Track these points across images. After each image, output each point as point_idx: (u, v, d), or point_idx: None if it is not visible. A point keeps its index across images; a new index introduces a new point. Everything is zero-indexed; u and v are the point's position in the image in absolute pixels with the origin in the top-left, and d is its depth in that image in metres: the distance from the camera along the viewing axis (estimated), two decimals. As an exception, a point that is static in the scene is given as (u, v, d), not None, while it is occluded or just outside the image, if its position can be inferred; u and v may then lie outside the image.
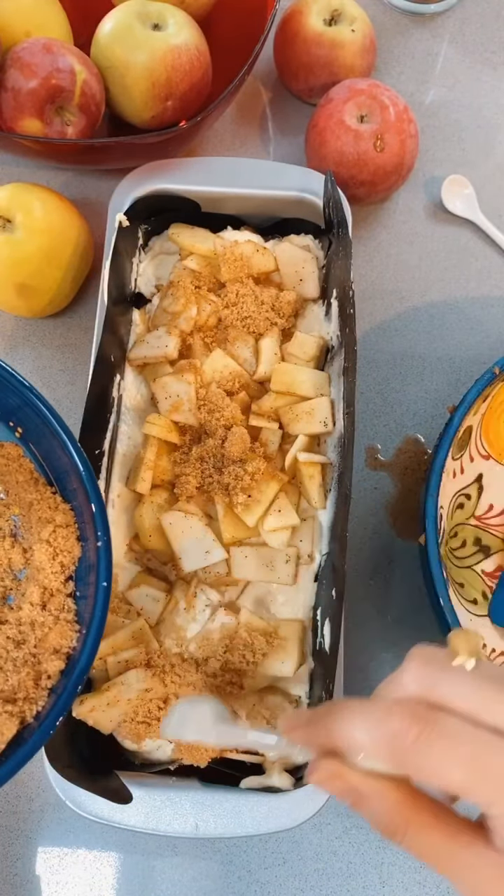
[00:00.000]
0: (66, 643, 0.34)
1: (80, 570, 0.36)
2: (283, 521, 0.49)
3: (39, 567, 0.36)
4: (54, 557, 0.36)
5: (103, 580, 0.34)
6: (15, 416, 0.40)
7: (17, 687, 0.33)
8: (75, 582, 0.36)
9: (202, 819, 0.44)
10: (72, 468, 0.37)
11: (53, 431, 0.38)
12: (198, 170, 0.56)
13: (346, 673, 0.49)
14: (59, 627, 0.34)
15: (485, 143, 0.67)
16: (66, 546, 0.36)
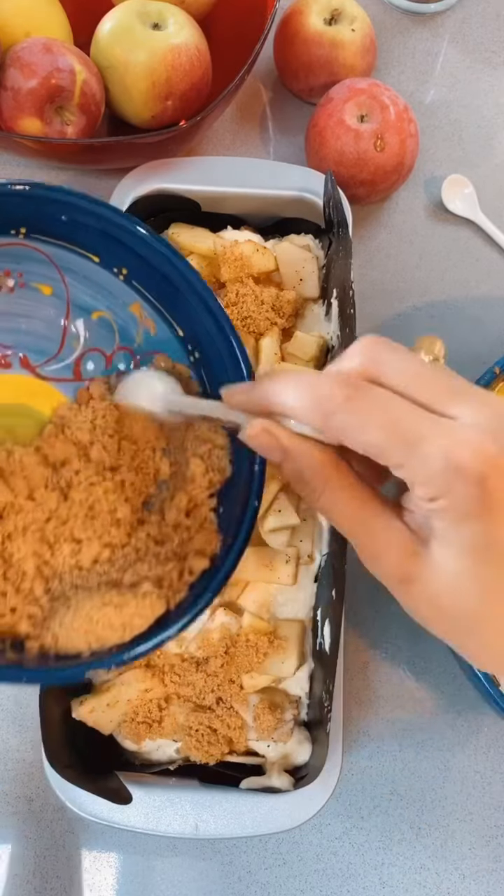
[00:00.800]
0: (210, 548, 0.36)
1: (227, 490, 0.38)
2: (283, 521, 0.49)
3: (191, 478, 0.38)
4: (205, 473, 0.38)
5: (255, 500, 0.37)
6: (196, 339, 0.41)
7: (162, 576, 0.36)
8: (220, 500, 0.38)
9: (202, 819, 0.44)
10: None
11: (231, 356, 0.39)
12: (198, 170, 0.56)
13: (346, 673, 0.49)
14: (204, 534, 0.37)
15: (485, 143, 0.67)
16: (220, 465, 0.38)
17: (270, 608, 0.49)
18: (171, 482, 0.39)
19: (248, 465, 0.38)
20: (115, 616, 0.33)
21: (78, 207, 0.37)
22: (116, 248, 0.39)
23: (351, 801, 0.52)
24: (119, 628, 0.33)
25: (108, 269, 0.40)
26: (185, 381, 0.41)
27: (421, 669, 0.54)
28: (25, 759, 0.52)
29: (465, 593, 0.27)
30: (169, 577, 0.36)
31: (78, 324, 0.40)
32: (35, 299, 0.39)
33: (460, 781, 0.52)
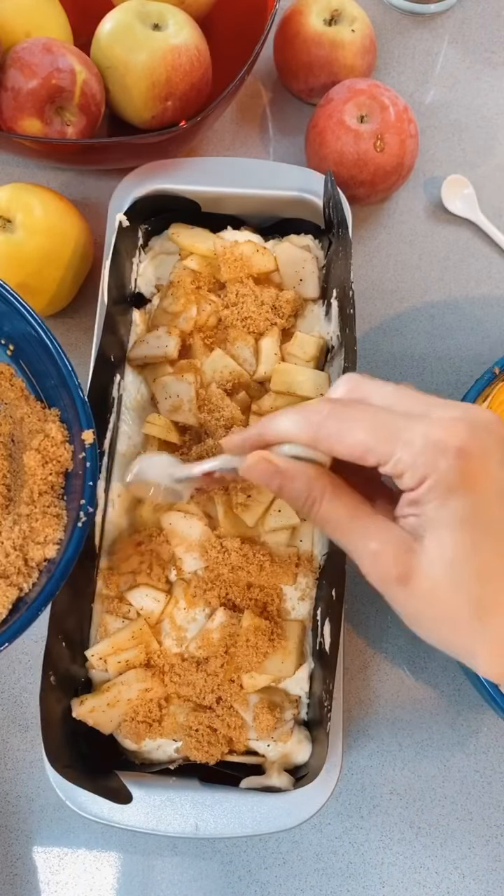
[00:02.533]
0: (53, 534, 0.38)
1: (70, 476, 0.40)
2: (283, 521, 0.49)
3: (31, 473, 0.39)
4: (44, 464, 0.40)
5: (89, 480, 0.39)
6: (5, 332, 0.44)
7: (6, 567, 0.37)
8: (65, 486, 0.40)
9: (202, 819, 0.44)
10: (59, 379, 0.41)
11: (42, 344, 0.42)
12: (198, 170, 0.56)
13: (346, 673, 0.49)
14: (47, 521, 0.38)
15: (485, 143, 0.67)
16: (56, 454, 0.40)
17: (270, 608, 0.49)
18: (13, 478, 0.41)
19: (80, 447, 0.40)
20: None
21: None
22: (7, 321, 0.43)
23: (351, 800, 0.52)
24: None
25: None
26: (9, 378, 0.44)
27: (421, 669, 0.54)
28: (25, 759, 0.52)
29: (462, 574, 0.27)
30: (15, 566, 0.38)
31: None
32: None
33: (460, 781, 0.52)
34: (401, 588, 0.28)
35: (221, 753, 0.46)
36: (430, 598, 0.28)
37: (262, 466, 0.31)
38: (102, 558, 0.50)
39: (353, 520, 0.29)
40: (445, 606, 0.28)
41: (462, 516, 0.27)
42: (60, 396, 0.42)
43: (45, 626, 0.44)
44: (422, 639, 0.30)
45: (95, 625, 0.49)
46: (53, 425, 0.41)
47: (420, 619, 0.29)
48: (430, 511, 0.27)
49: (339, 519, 0.30)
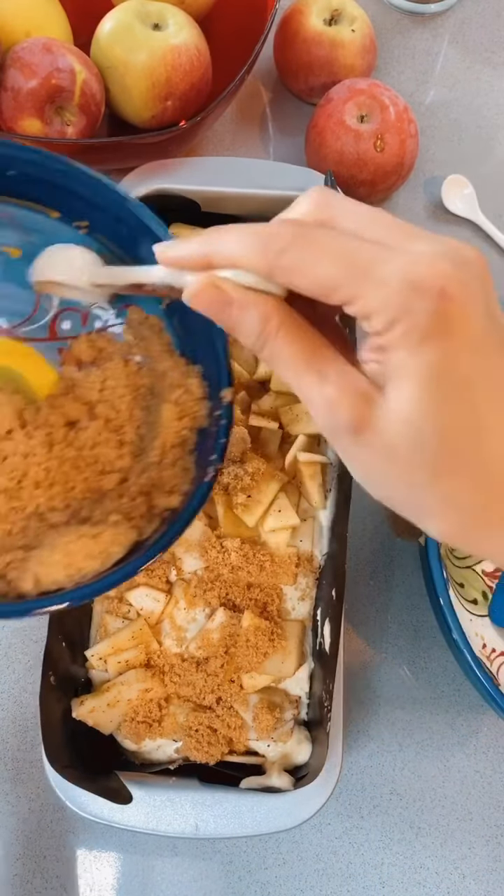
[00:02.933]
0: (180, 486, 0.38)
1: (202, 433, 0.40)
2: (283, 521, 0.49)
3: (166, 425, 0.39)
4: (180, 418, 0.39)
5: (222, 437, 0.38)
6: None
7: (130, 510, 0.37)
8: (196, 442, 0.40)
9: (202, 819, 0.44)
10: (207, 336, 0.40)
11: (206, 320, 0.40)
12: (198, 170, 0.56)
13: (346, 673, 0.49)
14: (176, 472, 0.38)
15: (485, 143, 0.67)
16: (192, 409, 0.40)
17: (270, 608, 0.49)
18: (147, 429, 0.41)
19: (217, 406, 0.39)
20: (93, 545, 0.34)
21: (20, 158, 0.38)
22: (71, 199, 0.39)
23: (351, 800, 0.52)
24: (97, 557, 0.34)
25: (68, 225, 0.41)
26: (158, 333, 0.42)
27: (421, 669, 0.54)
28: (25, 759, 0.52)
29: (423, 433, 0.24)
30: (138, 510, 0.37)
31: None
32: (4, 263, 0.40)
33: (460, 781, 0.52)
34: (354, 439, 0.25)
35: (221, 753, 0.46)
36: (385, 453, 0.25)
37: (211, 294, 0.26)
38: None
39: (309, 362, 0.26)
40: (401, 464, 0.25)
41: (431, 369, 0.24)
42: (205, 354, 0.41)
43: (45, 627, 0.44)
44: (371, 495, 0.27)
45: (95, 625, 0.49)
46: (195, 381, 0.40)
47: (372, 475, 0.26)
48: (397, 360, 0.24)
49: (294, 359, 0.26)
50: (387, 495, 0.26)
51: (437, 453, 0.25)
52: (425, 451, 0.25)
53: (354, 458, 0.26)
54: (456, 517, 0.26)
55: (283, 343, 0.26)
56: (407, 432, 0.24)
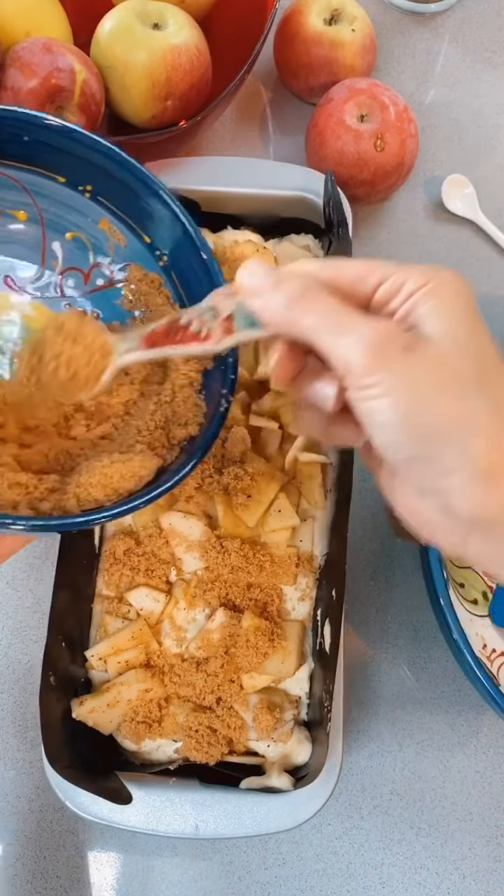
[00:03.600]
0: (194, 418, 0.41)
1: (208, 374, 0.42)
2: (283, 521, 0.49)
3: (174, 367, 0.42)
4: (187, 361, 0.42)
5: (231, 374, 0.41)
6: (161, 240, 0.45)
7: (152, 441, 0.41)
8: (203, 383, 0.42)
9: (202, 819, 0.44)
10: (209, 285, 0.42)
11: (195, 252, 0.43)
12: (198, 170, 0.56)
13: (346, 673, 0.49)
14: (188, 407, 0.41)
15: (485, 143, 0.67)
16: None
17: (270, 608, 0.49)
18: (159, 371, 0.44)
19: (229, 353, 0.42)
20: (125, 468, 0.37)
21: (36, 125, 0.40)
22: (78, 164, 0.42)
23: (351, 801, 0.52)
24: (130, 478, 0.37)
25: (74, 189, 0.43)
26: (157, 288, 0.45)
27: (421, 669, 0.54)
28: (25, 759, 0.52)
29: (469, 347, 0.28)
30: (160, 441, 0.41)
31: (55, 245, 0.45)
32: (12, 225, 0.44)
33: (460, 781, 0.52)
34: (405, 356, 0.27)
35: (221, 754, 0.46)
36: (436, 363, 0.27)
37: (261, 265, 0.30)
38: (102, 558, 0.50)
39: (350, 308, 0.29)
40: (451, 373, 0.27)
41: (461, 309, 0.28)
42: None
43: (45, 627, 0.44)
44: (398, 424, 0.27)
45: (95, 625, 0.49)
46: None
47: (418, 386, 0.27)
48: (430, 308, 0.28)
49: (335, 304, 0.28)
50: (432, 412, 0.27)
51: (483, 364, 0.28)
52: (474, 361, 0.28)
53: (403, 373, 0.27)
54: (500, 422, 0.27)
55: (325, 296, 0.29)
56: (455, 346, 0.28)
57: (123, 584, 0.49)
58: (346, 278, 0.30)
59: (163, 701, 0.47)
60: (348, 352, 0.27)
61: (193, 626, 0.49)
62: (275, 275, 0.30)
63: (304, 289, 0.29)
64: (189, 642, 0.48)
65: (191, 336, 0.33)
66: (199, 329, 0.33)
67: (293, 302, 0.29)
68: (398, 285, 0.29)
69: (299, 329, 0.29)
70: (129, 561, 0.49)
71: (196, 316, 0.33)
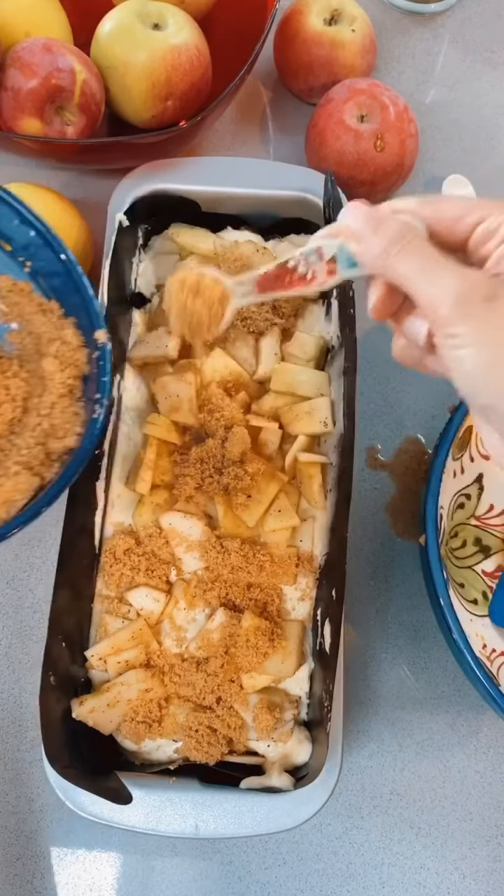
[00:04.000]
0: (72, 428, 0.41)
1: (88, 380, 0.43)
2: (283, 522, 0.49)
3: (50, 377, 0.42)
4: (63, 369, 0.42)
5: (103, 376, 0.41)
6: (26, 251, 0.46)
7: (29, 460, 0.40)
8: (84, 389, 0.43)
9: (202, 819, 0.44)
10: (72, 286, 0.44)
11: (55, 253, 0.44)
12: (198, 170, 0.56)
13: (346, 673, 0.49)
14: (67, 417, 0.41)
15: (485, 143, 0.67)
16: (73, 358, 0.43)
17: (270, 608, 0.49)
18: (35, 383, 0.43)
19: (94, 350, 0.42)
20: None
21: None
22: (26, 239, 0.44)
23: (351, 801, 0.52)
24: (2, 506, 0.37)
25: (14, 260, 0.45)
26: (28, 296, 0.46)
27: (421, 669, 0.54)
28: (25, 759, 0.52)
29: None
30: (38, 458, 0.40)
31: None
32: None
33: (460, 781, 0.52)
34: (486, 304, 0.28)
35: (221, 754, 0.46)
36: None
37: (363, 209, 0.32)
38: (102, 558, 0.50)
39: (443, 256, 0.30)
40: None
41: None
42: (74, 305, 0.44)
43: (45, 627, 0.44)
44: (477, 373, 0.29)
45: (95, 625, 0.49)
46: (69, 331, 0.43)
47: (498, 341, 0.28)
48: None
49: (429, 251, 0.30)
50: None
51: None
52: None
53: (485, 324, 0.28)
54: None
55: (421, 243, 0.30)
56: None
57: (123, 584, 0.49)
58: (445, 218, 0.30)
59: (163, 701, 0.47)
60: (435, 301, 0.29)
61: (193, 626, 0.49)
62: (375, 219, 0.31)
63: (400, 235, 0.30)
64: (189, 642, 0.48)
65: (298, 279, 0.35)
66: (305, 271, 0.35)
67: (390, 247, 0.30)
68: (495, 226, 0.29)
69: (394, 275, 0.30)
70: (130, 561, 0.49)
71: (302, 259, 0.34)
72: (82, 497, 0.48)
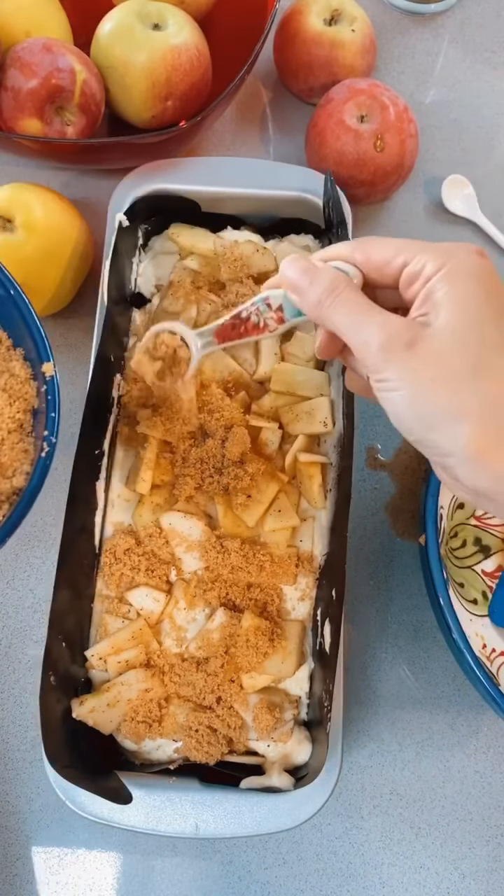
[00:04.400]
0: (21, 466, 0.40)
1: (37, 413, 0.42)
2: (283, 522, 0.49)
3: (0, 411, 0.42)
4: (11, 403, 0.41)
5: (51, 412, 0.41)
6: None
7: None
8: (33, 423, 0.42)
9: (202, 819, 0.44)
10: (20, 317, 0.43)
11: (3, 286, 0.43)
12: (198, 170, 0.56)
13: (346, 673, 0.49)
14: (16, 455, 0.41)
15: (485, 143, 0.67)
16: (21, 391, 0.42)
17: (270, 608, 0.49)
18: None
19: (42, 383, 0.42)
20: None
21: None
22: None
23: (351, 800, 0.52)
24: None
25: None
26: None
27: (421, 669, 0.54)
28: (25, 759, 0.52)
29: (467, 340, 0.30)
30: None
31: None
32: None
33: (460, 781, 0.52)
34: (408, 352, 0.30)
35: (221, 753, 0.46)
36: (434, 358, 0.30)
37: (299, 262, 0.34)
38: (102, 558, 0.50)
39: (371, 306, 0.32)
40: (448, 367, 0.30)
41: (471, 294, 0.30)
42: (21, 337, 0.43)
43: (45, 627, 0.44)
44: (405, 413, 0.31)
45: (95, 625, 0.49)
46: (17, 363, 0.42)
47: (418, 381, 0.30)
48: (443, 294, 0.31)
49: (359, 305, 0.32)
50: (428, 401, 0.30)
51: (478, 357, 0.30)
52: (469, 355, 0.30)
53: (402, 369, 0.31)
54: (491, 421, 0.29)
55: (351, 294, 0.33)
56: (453, 340, 0.30)
57: (124, 584, 0.49)
58: (375, 262, 0.33)
59: (163, 701, 0.47)
60: (363, 350, 0.32)
61: (193, 626, 0.49)
62: (310, 271, 0.34)
63: (332, 287, 0.33)
64: (189, 642, 0.48)
65: (252, 327, 0.39)
66: (258, 321, 0.38)
67: (324, 299, 0.33)
68: (419, 268, 0.31)
69: (329, 324, 0.33)
70: (130, 561, 0.49)
71: (254, 309, 0.38)
72: (82, 497, 0.48)
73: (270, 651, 0.47)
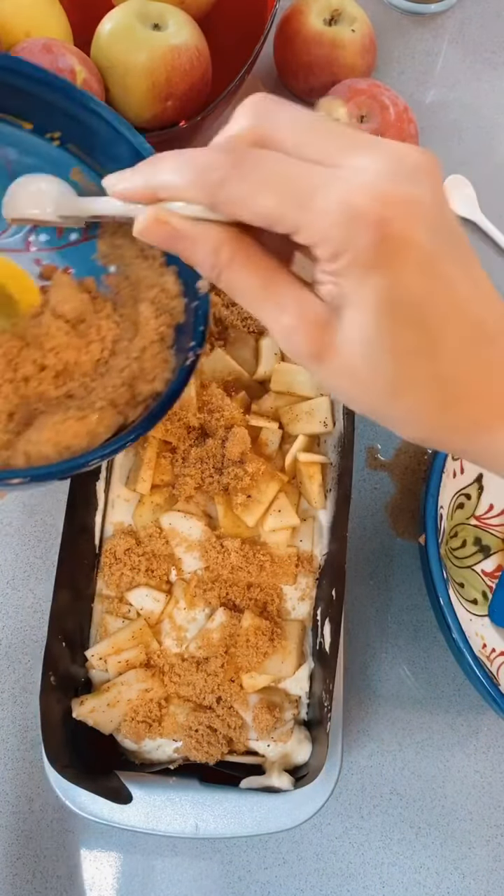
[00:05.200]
0: (161, 373, 0.40)
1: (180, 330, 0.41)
2: (283, 522, 0.49)
3: (144, 322, 0.41)
4: (158, 316, 0.41)
5: (200, 325, 0.39)
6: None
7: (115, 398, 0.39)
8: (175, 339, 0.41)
9: (202, 819, 0.44)
10: None
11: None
12: (198, 170, 0.56)
13: (346, 673, 0.49)
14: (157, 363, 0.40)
15: (485, 143, 0.67)
16: (169, 306, 0.41)
17: (270, 608, 0.49)
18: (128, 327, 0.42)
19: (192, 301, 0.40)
20: (80, 426, 0.36)
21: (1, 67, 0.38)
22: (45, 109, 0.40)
23: (351, 800, 0.52)
24: (85, 436, 0.36)
25: (41, 137, 0.41)
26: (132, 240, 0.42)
27: (421, 669, 0.54)
28: (25, 759, 0.52)
29: (379, 357, 0.25)
30: (123, 398, 0.39)
31: None
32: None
33: (460, 781, 0.52)
34: (317, 366, 0.26)
35: (221, 753, 0.46)
36: (347, 375, 0.26)
37: (158, 229, 0.26)
38: (102, 558, 0.50)
39: (265, 289, 0.26)
40: (363, 385, 0.26)
41: (379, 298, 0.24)
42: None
43: (45, 627, 0.44)
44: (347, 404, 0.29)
45: (95, 625, 0.49)
46: (170, 278, 0.41)
47: (339, 393, 0.27)
48: (348, 287, 0.24)
49: (249, 288, 0.26)
50: (357, 408, 0.28)
51: (394, 374, 0.25)
52: (384, 373, 0.25)
53: (324, 380, 0.27)
54: (419, 426, 0.27)
55: (237, 274, 0.26)
56: (364, 356, 0.25)
57: (124, 584, 0.49)
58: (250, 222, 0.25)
59: (163, 700, 0.47)
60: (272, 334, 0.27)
61: (193, 626, 0.49)
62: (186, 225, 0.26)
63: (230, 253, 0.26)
64: (189, 642, 0.48)
65: None
66: None
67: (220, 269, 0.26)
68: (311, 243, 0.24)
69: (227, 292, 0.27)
70: (130, 560, 0.49)
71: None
72: (82, 497, 0.48)
73: (270, 651, 0.47)
